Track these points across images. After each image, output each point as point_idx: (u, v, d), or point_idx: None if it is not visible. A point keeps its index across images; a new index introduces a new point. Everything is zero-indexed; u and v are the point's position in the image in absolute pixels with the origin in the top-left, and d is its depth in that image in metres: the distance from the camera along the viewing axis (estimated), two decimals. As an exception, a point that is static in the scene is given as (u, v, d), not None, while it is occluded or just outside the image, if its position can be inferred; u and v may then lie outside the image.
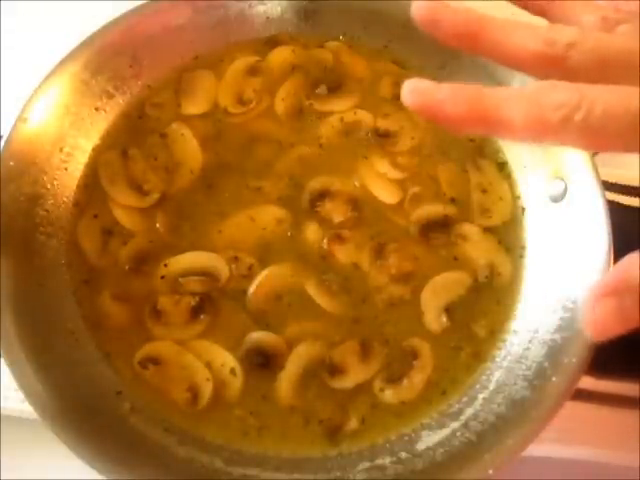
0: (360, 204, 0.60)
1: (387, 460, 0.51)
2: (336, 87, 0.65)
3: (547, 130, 0.33)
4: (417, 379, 0.54)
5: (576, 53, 0.35)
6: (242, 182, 0.60)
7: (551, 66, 0.35)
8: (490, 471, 0.47)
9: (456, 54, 0.64)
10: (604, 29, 0.38)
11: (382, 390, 0.54)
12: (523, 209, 0.61)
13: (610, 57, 0.35)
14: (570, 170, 0.57)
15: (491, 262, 0.58)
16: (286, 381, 0.53)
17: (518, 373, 0.53)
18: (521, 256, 0.59)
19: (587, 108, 0.32)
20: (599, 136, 0.33)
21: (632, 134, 0.32)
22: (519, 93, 0.34)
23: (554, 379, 0.50)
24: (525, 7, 0.42)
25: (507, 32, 0.36)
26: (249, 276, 0.56)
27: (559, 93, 0.33)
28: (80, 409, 0.50)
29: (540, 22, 0.40)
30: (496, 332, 0.56)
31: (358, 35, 0.67)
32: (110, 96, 0.62)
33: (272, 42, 0.67)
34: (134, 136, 0.62)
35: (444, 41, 0.38)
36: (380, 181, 0.61)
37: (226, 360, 0.53)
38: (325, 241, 0.58)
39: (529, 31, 0.36)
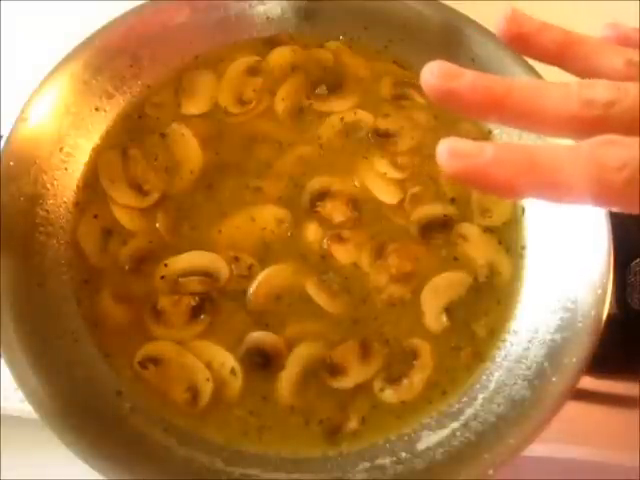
0: (360, 204, 0.59)
1: (387, 460, 0.51)
2: (336, 87, 0.65)
3: (610, 193, 0.30)
4: (417, 379, 0.54)
5: (616, 112, 0.32)
6: (242, 182, 0.60)
7: (590, 128, 0.32)
8: (490, 471, 0.47)
9: (456, 55, 0.64)
10: (629, 74, 0.35)
11: (382, 390, 0.54)
12: (523, 209, 0.61)
13: None
14: (570, 170, 0.57)
15: (491, 262, 0.58)
16: (286, 381, 0.53)
17: (518, 373, 0.53)
18: (521, 256, 0.59)
19: None
20: None
21: None
22: (575, 153, 0.31)
23: (554, 379, 0.50)
24: (537, 56, 0.38)
25: (536, 97, 0.33)
26: (249, 276, 0.56)
27: (619, 151, 0.30)
28: (80, 409, 0.50)
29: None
30: (496, 332, 0.56)
31: (358, 35, 0.67)
32: (110, 96, 0.62)
33: (272, 42, 0.67)
34: (134, 136, 0.62)
35: (466, 113, 0.35)
36: (380, 181, 0.61)
37: (226, 360, 0.53)
38: (325, 241, 0.58)
39: (561, 92, 0.33)
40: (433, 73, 0.35)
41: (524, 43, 0.38)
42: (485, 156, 0.31)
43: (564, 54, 0.37)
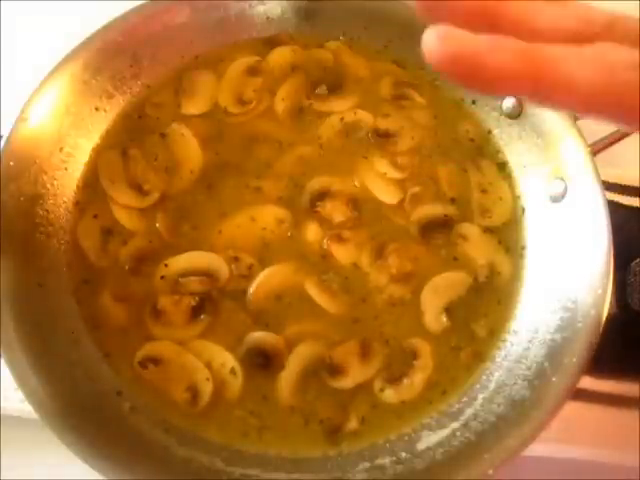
0: (360, 204, 0.60)
1: (387, 460, 0.51)
2: (336, 87, 0.65)
3: (615, 94, 0.28)
4: (417, 379, 0.54)
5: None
6: (242, 182, 0.60)
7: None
8: (490, 471, 0.47)
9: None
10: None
11: (382, 390, 0.54)
12: (523, 209, 0.61)
13: None
14: (570, 170, 0.57)
15: (491, 262, 0.58)
16: (286, 381, 0.53)
17: (518, 373, 0.53)
18: (521, 256, 0.59)
19: None
20: None
21: None
22: (578, 51, 0.29)
23: (554, 379, 0.50)
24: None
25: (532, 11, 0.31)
26: (249, 276, 0.56)
27: (624, 53, 0.29)
28: (80, 409, 0.50)
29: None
30: (496, 332, 0.56)
31: (358, 35, 0.67)
32: (110, 96, 0.62)
33: (272, 42, 0.67)
34: (134, 136, 0.62)
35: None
36: (380, 181, 0.61)
37: (226, 360, 0.53)
38: (325, 241, 0.58)
39: (559, 9, 0.31)
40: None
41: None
42: (482, 41, 0.27)
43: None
